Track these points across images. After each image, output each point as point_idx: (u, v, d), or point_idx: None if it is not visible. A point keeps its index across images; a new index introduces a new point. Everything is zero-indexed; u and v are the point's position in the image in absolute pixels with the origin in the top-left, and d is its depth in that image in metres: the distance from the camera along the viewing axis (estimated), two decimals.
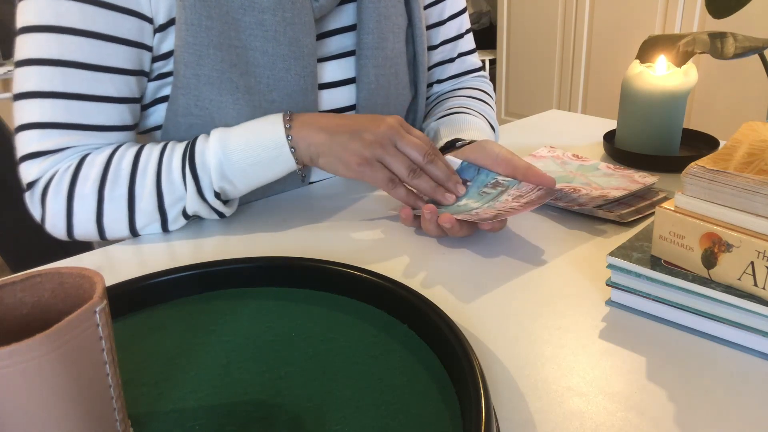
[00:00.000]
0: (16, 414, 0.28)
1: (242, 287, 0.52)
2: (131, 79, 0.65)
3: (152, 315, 0.49)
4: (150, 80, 0.68)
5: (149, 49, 0.65)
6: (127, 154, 0.63)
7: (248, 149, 0.63)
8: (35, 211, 0.64)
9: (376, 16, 0.75)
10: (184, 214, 0.65)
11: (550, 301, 0.51)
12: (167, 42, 0.65)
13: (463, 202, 0.64)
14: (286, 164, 0.64)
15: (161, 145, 0.65)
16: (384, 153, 0.62)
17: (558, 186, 0.72)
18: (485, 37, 3.40)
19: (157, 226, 0.65)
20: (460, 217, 0.59)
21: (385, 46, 0.77)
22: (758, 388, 0.40)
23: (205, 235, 0.67)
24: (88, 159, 0.63)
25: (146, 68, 0.66)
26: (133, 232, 0.65)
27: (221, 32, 0.65)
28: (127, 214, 0.63)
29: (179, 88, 0.67)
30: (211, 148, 0.63)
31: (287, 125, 0.63)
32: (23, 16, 0.60)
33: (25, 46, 0.60)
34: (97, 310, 0.30)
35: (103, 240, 0.66)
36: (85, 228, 0.63)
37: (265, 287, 0.52)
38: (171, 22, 0.64)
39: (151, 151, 0.64)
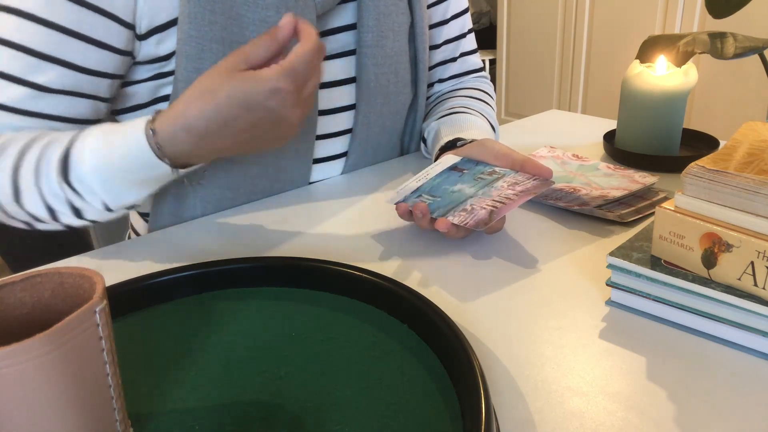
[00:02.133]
0: (16, 414, 0.28)
1: (242, 287, 0.52)
2: (81, 77, 0.63)
3: (152, 315, 0.49)
4: (149, 79, 0.68)
5: (122, 53, 0.64)
6: (20, 138, 0.61)
7: (104, 152, 0.57)
8: None
9: (376, 15, 0.75)
10: (107, 208, 0.60)
11: (550, 301, 0.51)
12: (168, 43, 0.65)
13: (457, 187, 0.63)
14: (149, 161, 0.57)
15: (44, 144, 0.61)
16: (300, 115, 0.58)
17: (558, 186, 0.72)
18: (485, 37, 3.40)
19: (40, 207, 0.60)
20: (455, 220, 0.58)
21: (384, 44, 0.77)
22: (758, 388, 0.40)
23: (206, 235, 0.67)
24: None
25: (112, 70, 0.65)
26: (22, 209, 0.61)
27: (224, 27, 0.65)
28: (12, 192, 0.60)
29: (180, 82, 0.67)
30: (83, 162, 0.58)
31: (150, 133, 0.56)
32: None
33: None
34: (97, 310, 0.30)
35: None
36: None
37: (265, 287, 0.52)
38: (173, 23, 0.65)
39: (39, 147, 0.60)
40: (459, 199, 0.61)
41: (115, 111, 0.72)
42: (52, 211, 0.60)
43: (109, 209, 0.60)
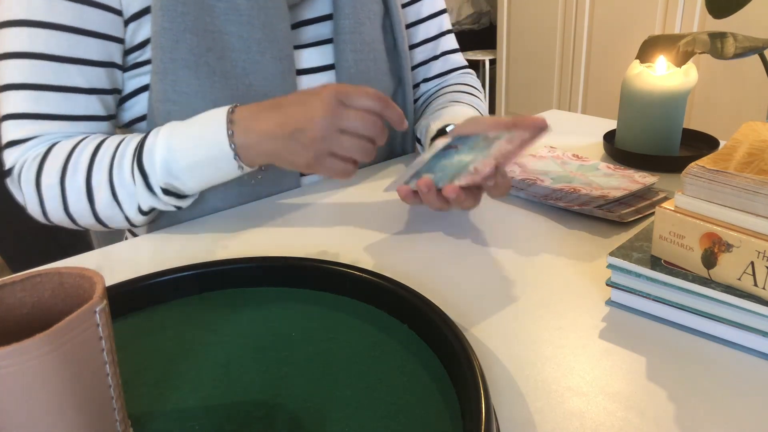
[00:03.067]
0: (16, 414, 0.28)
1: (242, 287, 0.52)
2: (100, 71, 0.66)
3: (152, 315, 0.49)
4: (127, 70, 0.69)
5: (119, 41, 0.67)
6: (89, 146, 0.64)
7: (192, 148, 0.61)
8: (17, 195, 0.67)
9: (352, 2, 0.76)
10: (140, 209, 0.65)
11: (550, 301, 0.51)
12: (143, 31, 0.67)
13: (455, 159, 0.62)
14: (231, 167, 0.62)
15: (120, 138, 0.66)
16: (329, 146, 0.59)
17: (558, 186, 0.72)
18: (485, 37, 3.40)
19: (120, 218, 0.65)
20: (462, 182, 0.56)
21: (362, 30, 0.78)
22: (758, 388, 0.40)
23: (205, 235, 0.67)
24: (54, 149, 0.64)
25: (117, 60, 0.68)
26: (101, 222, 0.66)
27: (196, 17, 0.66)
28: (88, 205, 0.64)
29: (157, 74, 0.67)
30: (159, 144, 0.62)
31: (229, 131, 0.60)
32: None
33: (0, 42, 0.64)
34: (97, 310, 0.30)
35: (81, 227, 0.68)
36: (57, 215, 0.65)
37: (265, 287, 0.52)
38: (146, 11, 0.66)
39: (110, 144, 0.64)
40: (461, 166, 0.60)
41: None
42: (119, 204, 0.64)
43: (156, 194, 0.63)
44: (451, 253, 0.60)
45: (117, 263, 0.61)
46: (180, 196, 0.65)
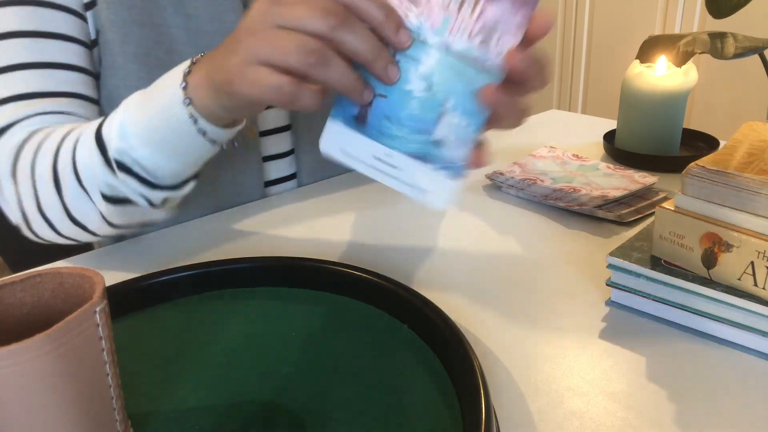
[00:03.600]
0: (16, 414, 0.28)
1: (242, 287, 0.52)
2: (79, 48, 0.62)
3: (152, 315, 0.49)
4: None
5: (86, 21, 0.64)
6: (62, 129, 0.57)
7: (145, 100, 0.50)
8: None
9: None
10: (104, 195, 0.54)
11: (550, 301, 0.51)
12: (91, 26, 0.64)
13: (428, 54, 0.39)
14: (183, 118, 0.48)
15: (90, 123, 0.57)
16: (257, 46, 0.40)
17: (558, 186, 0.72)
18: None
19: (93, 214, 0.56)
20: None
21: None
22: (758, 388, 0.40)
23: (205, 235, 0.67)
24: (33, 136, 0.57)
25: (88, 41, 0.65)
26: (75, 221, 0.57)
27: (142, 9, 0.64)
28: (56, 196, 0.55)
29: (107, 69, 0.65)
30: (119, 109, 0.52)
31: (186, 70, 0.48)
32: None
33: None
34: (97, 310, 0.30)
35: (64, 237, 0.59)
36: (35, 219, 0.58)
37: (265, 287, 0.52)
38: (92, 5, 0.63)
39: (82, 126, 0.57)
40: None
41: None
42: (85, 190, 0.54)
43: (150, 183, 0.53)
44: (451, 253, 0.60)
45: (117, 263, 0.61)
46: (140, 178, 0.52)
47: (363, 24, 0.38)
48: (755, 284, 0.43)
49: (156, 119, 0.49)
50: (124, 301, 0.48)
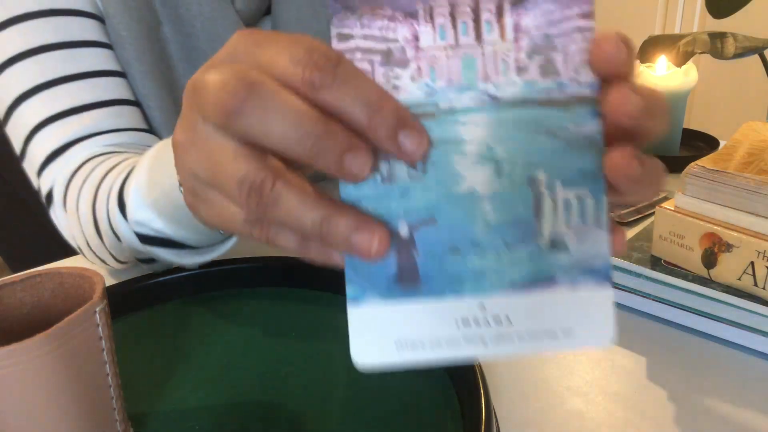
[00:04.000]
0: (16, 414, 0.28)
1: (242, 287, 0.52)
2: (109, 52, 0.59)
3: (152, 315, 0.49)
4: None
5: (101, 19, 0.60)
6: (107, 163, 0.52)
7: (153, 173, 0.43)
8: (60, 229, 0.56)
9: (289, 27, 0.69)
10: (137, 258, 0.50)
11: None
12: None
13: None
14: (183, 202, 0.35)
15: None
16: (193, 158, 0.27)
17: None
18: None
19: (131, 254, 0.50)
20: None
21: None
22: (758, 388, 0.40)
23: None
24: (86, 164, 0.54)
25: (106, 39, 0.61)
26: (115, 258, 0.52)
27: (149, 25, 0.61)
28: (97, 238, 0.51)
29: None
30: (133, 174, 0.46)
31: None
32: None
33: None
34: (97, 310, 0.30)
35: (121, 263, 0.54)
36: (88, 249, 0.54)
37: (265, 287, 0.52)
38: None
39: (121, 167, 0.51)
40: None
41: None
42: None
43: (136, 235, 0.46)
44: None
45: None
46: (167, 242, 0.46)
47: (283, 97, 0.23)
48: (755, 284, 0.43)
49: (163, 199, 0.42)
50: (124, 301, 0.48)
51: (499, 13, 0.24)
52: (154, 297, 0.50)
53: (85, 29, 0.57)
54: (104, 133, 0.56)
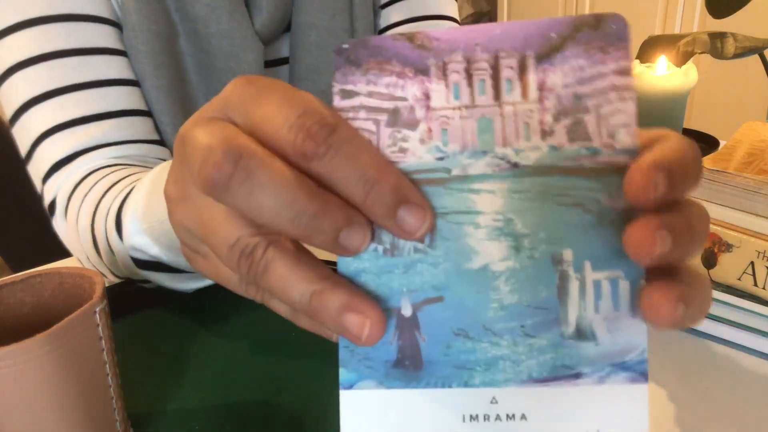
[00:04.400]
0: (16, 414, 0.28)
1: None
2: (124, 60, 0.58)
3: (152, 315, 0.49)
4: None
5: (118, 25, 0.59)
6: (110, 177, 0.51)
7: (149, 200, 0.42)
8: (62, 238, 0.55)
9: (308, 46, 0.68)
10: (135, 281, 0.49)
11: None
12: None
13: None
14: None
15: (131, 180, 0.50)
16: (182, 217, 0.27)
17: None
18: None
19: (129, 274, 0.48)
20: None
21: (317, 79, 0.69)
22: (758, 388, 0.40)
23: None
24: (90, 176, 0.53)
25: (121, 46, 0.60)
26: (114, 274, 0.51)
27: (168, 37, 0.60)
28: (97, 255, 0.49)
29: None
30: (132, 196, 0.44)
31: None
32: None
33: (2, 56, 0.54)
34: (97, 310, 0.30)
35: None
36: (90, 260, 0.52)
37: None
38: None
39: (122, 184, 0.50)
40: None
41: None
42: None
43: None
44: None
45: None
46: (165, 268, 0.44)
47: (272, 172, 0.21)
48: (755, 284, 0.43)
49: (158, 227, 0.41)
50: (124, 301, 0.48)
51: (522, 70, 0.21)
52: (154, 297, 0.50)
53: (101, 36, 0.56)
54: (112, 145, 0.55)
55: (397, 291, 0.22)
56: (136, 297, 0.49)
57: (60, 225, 0.54)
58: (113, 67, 0.57)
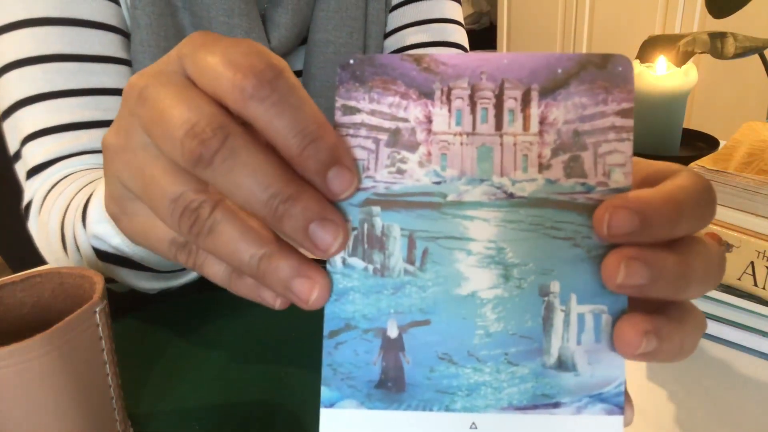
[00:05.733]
0: (16, 414, 0.28)
1: None
2: (125, 69, 0.57)
3: (152, 315, 0.49)
4: None
5: (123, 33, 0.59)
6: (86, 176, 0.51)
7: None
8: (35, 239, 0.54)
9: (324, 63, 0.68)
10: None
11: None
12: None
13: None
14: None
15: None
16: (121, 169, 0.25)
17: None
18: (485, 37, 3.40)
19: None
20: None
21: (331, 96, 0.69)
22: (758, 388, 0.40)
23: None
24: (67, 178, 0.52)
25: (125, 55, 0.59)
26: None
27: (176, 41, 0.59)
28: (63, 253, 0.48)
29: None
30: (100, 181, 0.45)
31: None
32: None
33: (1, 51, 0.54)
34: (97, 310, 0.30)
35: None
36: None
37: None
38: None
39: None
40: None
41: None
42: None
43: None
44: None
45: None
46: (129, 263, 0.43)
47: (254, 153, 0.21)
48: (755, 284, 0.43)
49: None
50: (124, 301, 0.48)
51: (525, 102, 0.22)
52: (154, 297, 0.50)
53: (104, 44, 0.56)
54: (97, 152, 0.55)
55: (384, 312, 0.22)
56: (136, 297, 0.49)
57: (33, 226, 0.54)
58: (111, 76, 0.56)
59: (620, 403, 0.22)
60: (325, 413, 0.22)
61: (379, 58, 0.22)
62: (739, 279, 0.44)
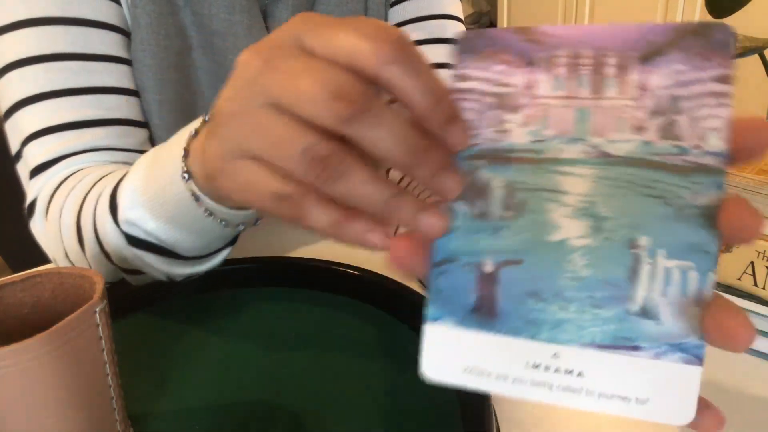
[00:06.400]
0: (16, 414, 0.28)
1: (242, 287, 0.52)
2: (125, 68, 0.57)
3: (152, 315, 0.49)
4: None
5: (124, 33, 0.59)
6: (96, 173, 0.51)
7: (151, 167, 0.42)
8: (38, 239, 0.55)
9: None
10: (121, 268, 0.47)
11: None
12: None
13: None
14: (176, 176, 0.38)
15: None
16: (245, 132, 0.27)
17: None
18: None
19: (113, 269, 0.48)
20: None
21: None
22: (758, 388, 0.40)
23: None
24: (72, 176, 0.52)
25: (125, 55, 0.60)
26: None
27: (177, 52, 0.60)
28: (79, 248, 0.48)
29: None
30: (130, 172, 0.44)
31: (193, 132, 0.38)
32: None
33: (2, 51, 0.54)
34: (97, 310, 0.30)
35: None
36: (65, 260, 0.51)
37: (265, 287, 0.52)
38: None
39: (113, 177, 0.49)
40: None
41: None
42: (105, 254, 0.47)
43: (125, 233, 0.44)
44: None
45: None
46: (157, 249, 0.43)
47: (394, 112, 0.25)
48: (755, 284, 0.43)
49: (161, 195, 0.40)
50: (124, 301, 0.48)
51: (623, 69, 0.23)
52: (154, 297, 0.50)
53: (105, 43, 0.56)
54: (100, 150, 0.55)
55: (482, 250, 0.25)
56: (136, 297, 0.49)
57: (38, 225, 0.54)
58: (113, 75, 0.56)
59: (700, 355, 0.22)
60: (429, 327, 0.26)
61: (490, 32, 0.25)
62: (739, 279, 0.44)
